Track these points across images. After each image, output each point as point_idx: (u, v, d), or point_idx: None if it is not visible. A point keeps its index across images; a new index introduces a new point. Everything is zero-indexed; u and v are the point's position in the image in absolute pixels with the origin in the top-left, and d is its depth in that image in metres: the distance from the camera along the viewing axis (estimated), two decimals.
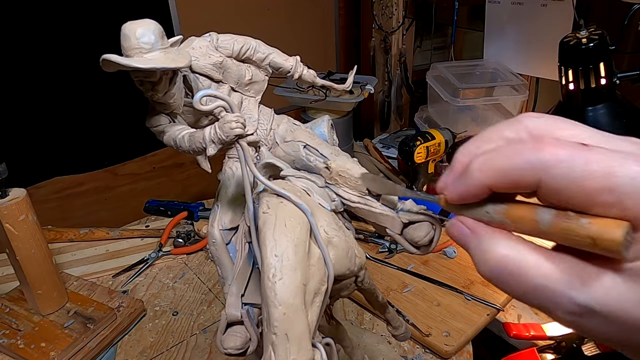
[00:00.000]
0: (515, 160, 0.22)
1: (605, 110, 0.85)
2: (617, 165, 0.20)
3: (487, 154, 0.23)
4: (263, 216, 0.33)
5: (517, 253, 0.23)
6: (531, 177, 0.22)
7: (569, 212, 0.21)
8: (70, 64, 1.19)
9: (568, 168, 0.21)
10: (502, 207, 0.24)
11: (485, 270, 0.24)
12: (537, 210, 0.22)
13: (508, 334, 0.73)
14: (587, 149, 0.21)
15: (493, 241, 0.24)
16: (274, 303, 0.29)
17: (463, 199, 0.25)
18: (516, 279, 0.23)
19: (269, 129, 0.47)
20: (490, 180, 0.23)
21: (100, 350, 0.76)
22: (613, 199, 0.20)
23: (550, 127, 0.23)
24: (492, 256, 0.24)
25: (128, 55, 0.35)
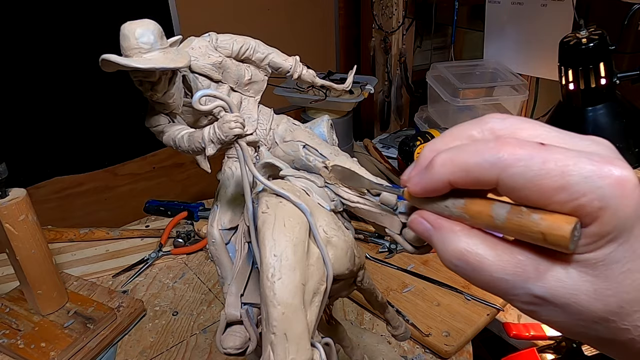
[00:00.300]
0: (475, 158, 0.23)
1: (605, 110, 0.85)
2: (571, 164, 0.21)
3: (450, 151, 0.24)
4: (262, 216, 0.33)
5: (476, 247, 0.24)
6: (490, 174, 0.22)
7: (522, 207, 0.22)
8: (70, 64, 1.19)
9: (525, 167, 0.21)
10: (460, 202, 0.25)
11: (448, 263, 0.25)
12: (493, 206, 0.23)
13: (508, 334, 0.73)
14: (545, 148, 0.22)
15: (453, 235, 0.25)
16: (272, 303, 0.29)
17: (425, 193, 0.26)
18: (476, 272, 0.24)
19: (269, 129, 0.47)
20: (452, 176, 0.24)
21: (100, 350, 0.76)
22: (567, 197, 0.21)
23: (514, 128, 0.24)
24: (452, 250, 0.25)
25: (127, 55, 0.35)
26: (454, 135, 0.26)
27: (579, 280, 0.22)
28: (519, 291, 0.23)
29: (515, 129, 0.24)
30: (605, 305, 0.22)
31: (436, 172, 0.24)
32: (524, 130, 0.24)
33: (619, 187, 0.20)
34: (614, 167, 0.21)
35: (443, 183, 0.25)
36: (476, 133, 0.25)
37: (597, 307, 0.22)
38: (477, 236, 0.24)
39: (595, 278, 0.22)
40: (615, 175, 0.20)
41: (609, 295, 0.22)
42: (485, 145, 0.23)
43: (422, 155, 0.26)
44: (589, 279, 0.22)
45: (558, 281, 0.22)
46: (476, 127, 0.25)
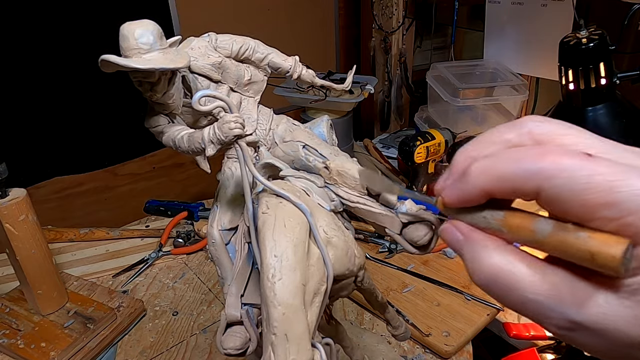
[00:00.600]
0: (515, 166, 0.22)
1: (605, 110, 0.85)
2: (620, 179, 0.19)
3: (488, 159, 0.23)
4: (262, 216, 0.33)
5: (509, 264, 0.23)
6: (531, 185, 0.21)
7: (568, 224, 0.21)
8: (70, 64, 1.19)
9: (570, 179, 0.20)
10: (500, 214, 0.23)
11: (477, 279, 0.24)
12: (536, 220, 0.22)
13: (508, 334, 0.73)
14: (591, 159, 0.20)
15: (486, 250, 0.23)
16: (273, 303, 0.29)
17: (461, 203, 0.24)
18: (507, 291, 0.23)
19: (268, 129, 0.47)
20: (490, 186, 0.23)
21: (100, 350, 0.76)
22: (614, 214, 0.19)
23: (555, 133, 0.23)
24: (484, 265, 0.23)
25: (127, 56, 0.35)
26: (488, 140, 0.24)
27: (620, 306, 0.21)
28: (553, 314, 0.22)
29: (556, 135, 0.23)
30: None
31: (473, 182, 0.23)
32: (566, 136, 0.22)
33: None
34: None
35: (480, 192, 0.23)
36: (513, 137, 0.24)
37: (635, 334, 0.21)
38: (511, 253, 0.23)
39: (635, 304, 0.20)
40: None
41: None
42: (526, 153, 0.22)
43: (455, 163, 0.25)
44: (629, 304, 0.21)
45: (597, 307, 0.21)
46: (513, 131, 0.24)
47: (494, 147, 0.24)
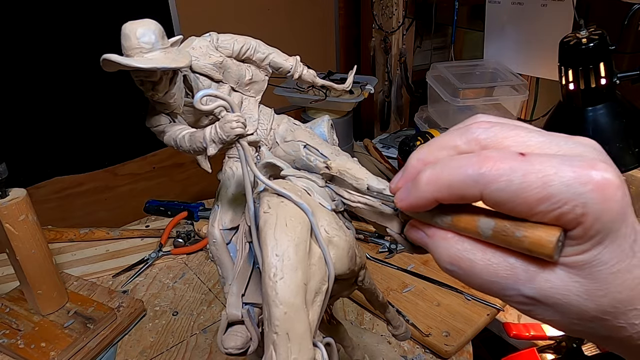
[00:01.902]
0: (458, 175, 0.23)
1: (605, 110, 0.85)
2: (552, 173, 0.21)
3: (434, 167, 0.25)
4: (264, 216, 0.33)
5: (466, 252, 0.25)
6: (474, 191, 0.23)
7: (506, 223, 0.23)
8: (71, 63, 1.19)
9: (507, 181, 0.22)
10: (448, 218, 0.26)
11: (443, 267, 0.26)
12: (478, 223, 0.24)
13: (508, 334, 0.73)
14: (525, 159, 0.22)
15: (446, 243, 0.26)
16: (275, 302, 0.29)
17: (412, 209, 0.27)
18: (469, 276, 0.25)
19: (269, 129, 0.47)
20: (437, 194, 0.25)
21: (100, 350, 0.76)
22: (549, 207, 0.21)
23: (498, 137, 0.24)
24: (446, 257, 0.26)
25: (128, 55, 0.35)
26: (440, 144, 0.26)
27: (569, 281, 0.23)
28: (511, 292, 0.24)
29: (500, 138, 0.24)
30: (598, 305, 0.22)
31: (422, 190, 0.25)
32: (508, 138, 0.24)
33: (600, 192, 0.21)
34: (596, 170, 0.21)
35: (430, 200, 0.25)
36: (461, 143, 0.25)
37: (589, 307, 0.23)
38: (467, 242, 0.25)
39: (585, 279, 0.22)
40: (595, 180, 0.21)
41: (600, 296, 0.22)
42: (468, 161, 0.23)
43: (409, 165, 0.27)
44: (578, 279, 0.22)
45: (547, 282, 0.23)
46: (462, 137, 0.25)
47: (443, 152, 0.26)
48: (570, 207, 0.21)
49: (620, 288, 0.22)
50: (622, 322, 0.23)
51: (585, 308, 0.23)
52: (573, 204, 0.21)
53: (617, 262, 0.22)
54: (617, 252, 0.22)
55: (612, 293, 0.22)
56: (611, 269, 0.22)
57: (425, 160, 0.26)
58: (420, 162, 0.26)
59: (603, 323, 0.23)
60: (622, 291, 0.22)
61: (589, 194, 0.21)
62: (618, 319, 0.23)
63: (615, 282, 0.22)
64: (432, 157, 0.26)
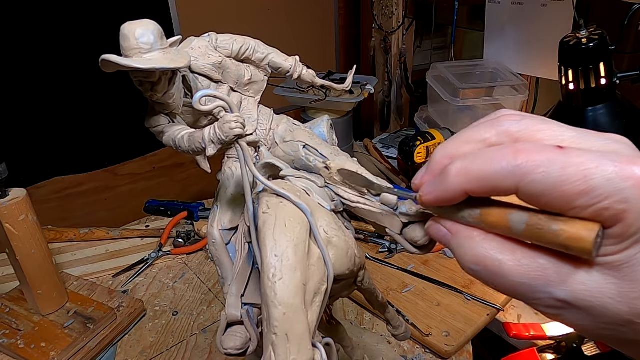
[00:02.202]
0: (492, 166, 0.22)
1: (605, 110, 0.85)
2: (593, 167, 0.20)
3: (465, 160, 0.23)
4: (263, 216, 0.33)
5: (494, 252, 0.23)
6: (509, 183, 0.22)
7: (540, 216, 0.22)
8: (70, 64, 1.19)
9: (545, 174, 0.21)
10: (477, 212, 0.24)
11: (466, 268, 0.25)
12: (510, 216, 0.23)
13: (508, 334, 0.73)
14: (563, 152, 0.21)
15: (471, 240, 0.24)
16: (274, 303, 0.29)
17: (439, 203, 0.25)
18: (496, 277, 0.24)
19: (269, 129, 0.47)
20: (468, 186, 0.23)
21: (100, 350, 0.76)
22: (590, 201, 0.20)
23: (531, 130, 0.23)
24: (471, 256, 0.24)
25: (127, 56, 0.35)
26: (466, 138, 0.25)
27: (603, 283, 0.22)
28: (541, 295, 0.23)
29: (532, 131, 0.23)
30: (631, 307, 0.21)
31: (451, 182, 0.24)
32: (541, 131, 0.23)
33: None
34: (637, 166, 0.20)
35: (459, 193, 0.24)
36: (491, 136, 0.24)
37: (623, 310, 0.22)
38: (495, 241, 0.24)
39: (620, 280, 0.21)
40: (637, 176, 0.20)
41: (634, 298, 0.21)
42: (501, 152, 0.22)
43: (433, 160, 0.26)
44: (613, 281, 0.21)
45: (581, 284, 0.22)
46: (490, 130, 0.24)
47: (471, 146, 0.25)
48: (610, 202, 0.20)
49: None
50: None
51: (617, 311, 0.22)
52: (614, 199, 0.20)
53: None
54: None
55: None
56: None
57: (452, 154, 0.25)
58: (446, 157, 0.25)
59: (633, 327, 0.22)
60: None
61: (631, 190, 0.20)
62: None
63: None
64: (460, 151, 0.25)
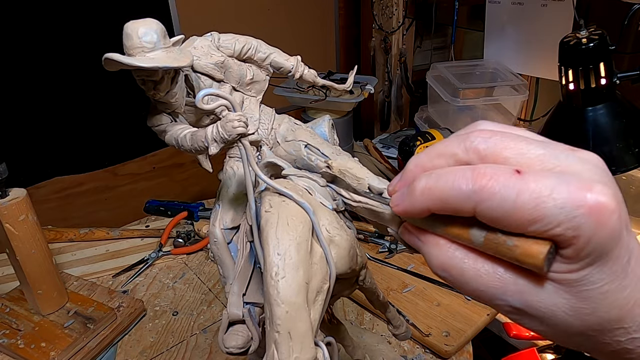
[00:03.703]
0: (452, 189, 0.23)
1: (605, 110, 0.85)
2: (546, 194, 0.21)
3: (429, 178, 0.25)
4: (265, 215, 0.33)
5: (457, 260, 0.25)
6: (467, 206, 0.23)
7: (497, 234, 0.23)
8: (71, 63, 1.19)
9: (500, 200, 0.22)
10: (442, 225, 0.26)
11: (435, 272, 0.26)
12: (470, 232, 0.24)
13: (508, 334, 0.73)
14: (520, 177, 0.22)
15: (439, 250, 0.26)
16: (276, 301, 0.29)
17: (407, 215, 0.27)
18: (460, 283, 0.25)
19: (270, 129, 0.47)
20: (431, 205, 0.25)
21: (100, 350, 0.76)
22: (543, 228, 0.21)
23: (497, 147, 0.24)
24: (438, 263, 0.26)
25: (130, 55, 0.35)
26: (438, 152, 0.26)
27: (556, 297, 0.23)
28: (499, 302, 0.24)
29: (499, 149, 0.24)
30: (583, 322, 0.23)
31: (416, 199, 0.25)
32: (507, 149, 0.24)
33: (593, 215, 0.20)
34: (591, 193, 0.21)
35: (422, 210, 0.25)
36: (460, 152, 0.25)
37: (575, 323, 0.23)
38: (459, 250, 0.25)
39: (573, 297, 0.22)
40: (589, 204, 0.20)
41: (587, 314, 0.22)
42: (463, 175, 0.23)
43: (407, 169, 0.27)
44: (566, 297, 0.22)
45: (535, 296, 0.23)
46: (461, 146, 0.25)
47: (442, 160, 0.26)
48: (562, 229, 0.21)
49: (608, 308, 0.22)
50: (608, 339, 0.23)
51: (570, 324, 0.23)
52: (565, 227, 0.21)
53: (607, 283, 0.22)
54: (608, 274, 0.22)
55: (599, 312, 0.22)
56: (600, 289, 0.22)
57: (423, 166, 0.26)
58: (418, 168, 0.26)
59: (588, 338, 0.23)
60: (610, 310, 0.22)
61: (581, 218, 0.20)
62: (604, 336, 0.23)
63: (604, 302, 0.22)
64: (430, 164, 0.26)
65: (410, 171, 0.27)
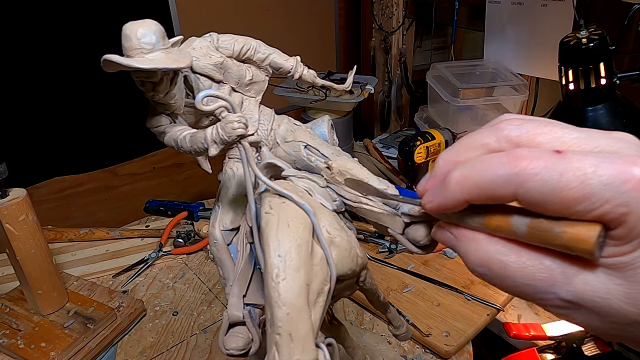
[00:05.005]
0: (490, 175, 0.22)
1: (605, 110, 0.85)
2: (590, 171, 0.20)
3: (464, 168, 0.24)
4: (265, 216, 0.33)
5: (499, 254, 0.24)
6: (507, 191, 0.22)
7: (542, 220, 0.22)
8: (71, 64, 1.19)
9: (543, 181, 0.21)
10: (480, 217, 0.24)
11: (472, 270, 0.25)
12: (512, 220, 0.23)
13: (508, 334, 0.73)
14: (561, 157, 0.21)
15: (476, 244, 0.25)
16: (277, 303, 0.29)
17: (442, 210, 0.26)
18: (502, 279, 0.24)
19: (270, 129, 0.47)
20: (468, 195, 0.24)
21: (100, 350, 0.76)
22: (589, 206, 0.20)
23: (531, 134, 0.23)
24: (476, 259, 0.24)
25: (129, 56, 0.35)
26: (468, 144, 0.25)
27: (610, 283, 0.21)
28: (548, 296, 0.23)
29: (533, 135, 0.23)
30: (639, 308, 0.21)
31: (451, 191, 0.24)
32: (542, 135, 0.23)
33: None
34: (637, 167, 0.20)
35: (459, 202, 0.24)
36: (492, 142, 0.24)
37: (630, 311, 0.21)
38: (499, 243, 0.24)
39: (626, 281, 0.21)
40: (637, 177, 0.20)
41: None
42: (499, 160, 0.22)
43: (436, 167, 0.26)
44: (619, 282, 0.21)
45: (587, 285, 0.22)
46: (491, 135, 0.24)
47: (473, 152, 0.25)
48: (611, 206, 0.20)
49: None
50: None
51: (625, 312, 0.21)
52: (614, 203, 0.20)
53: None
54: None
55: None
56: None
57: (454, 160, 0.25)
58: (448, 163, 0.25)
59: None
60: None
61: (631, 193, 0.20)
62: None
63: None
64: (461, 157, 0.25)
65: (440, 168, 0.26)
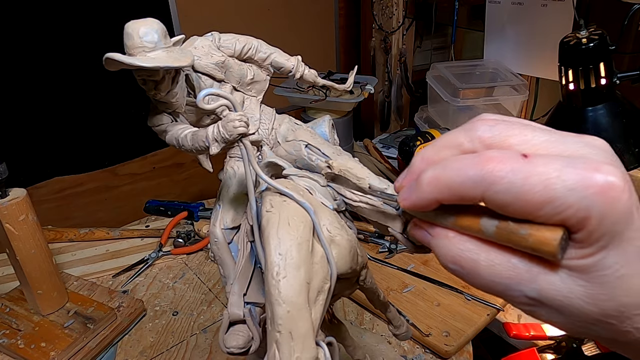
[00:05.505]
0: (460, 176, 0.23)
1: (605, 110, 0.85)
2: (554, 176, 0.21)
3: (436, 168, 0.24)
4: (266, 215, 0.33)
5: (469, 252, 0.25)
6: (475, 192, 0.23)
7: (509, 222, 0.23)
8: (71, 63, 1.19)
9: (508, 184, 0.21)
10: (451, 217, 0.26)
11: (445, 267, 0.26)
12: (481, 221, 0.24)
13: (508, 334, 0.73)
14: (528, 161, 0.21)
15: (449, 243, 0.26)
16: (278, 301, 0.29)
17: (415, 209, 0.26)
18: (472, 276, 0.25)
19: (271, 129, 0.47)
20: (438, 195, 0.24)
21: (100, 350, 0.76)
22: (552, 211, 0.21)
23: (503, 135, 0.24)
24: (449, 257, 0.25)
25: (131, 54, 0.35)
26: (444, 143, 0.26)
27: (572, 284, 0.22)
28: (514, 293, 0.24)
29: (504, 137, 0.24)
30: (601, 309, 0.22)
31: (423, 191, 0.25)
32: (512, 137, 0.24)
33: (603, 195, 0.20)
34: (600, 173, 0.20)
35: (431, 201, 0.25)
36: (466, 142, 0.25)
37: (593, 311, 0.22)
38: (470, 242, 0.25)
39: (588, 283, 0.22)
40: (599, 183, 0.20)
41: (604, 300, 0.22)
42: (470, 162, 0.23)
43: (413, 164, 0.27)
44: (582, 283, 0.22)
45: (550, 284, 0.23)
46: (466, 136, 0.25)
47: (447, 152, 0.26)
48: (573, 211, 0.20)
49: (625, 292, 0.22)
50: (627, 327, 0.22)
51: (588, 312, 0.22)
52: (576, 208, 0.20)
53: (622, 266, 0.21)
54: (622, 256, 0.21)
55: (617, 297, 0.22)
56: (616, 273, 0.21)
57: (429, 159, 0.26)
58: (424, 162, 0.26)
59: (607, 326, 0.23)
60: (628, 295, 0.22)
61: (592, 198, 0.20)
62: (623, 323, 0.22)
63: (620, 287, 0.22)
64: (436, 157, 0.26)
65: (417, 165, 0.27)
